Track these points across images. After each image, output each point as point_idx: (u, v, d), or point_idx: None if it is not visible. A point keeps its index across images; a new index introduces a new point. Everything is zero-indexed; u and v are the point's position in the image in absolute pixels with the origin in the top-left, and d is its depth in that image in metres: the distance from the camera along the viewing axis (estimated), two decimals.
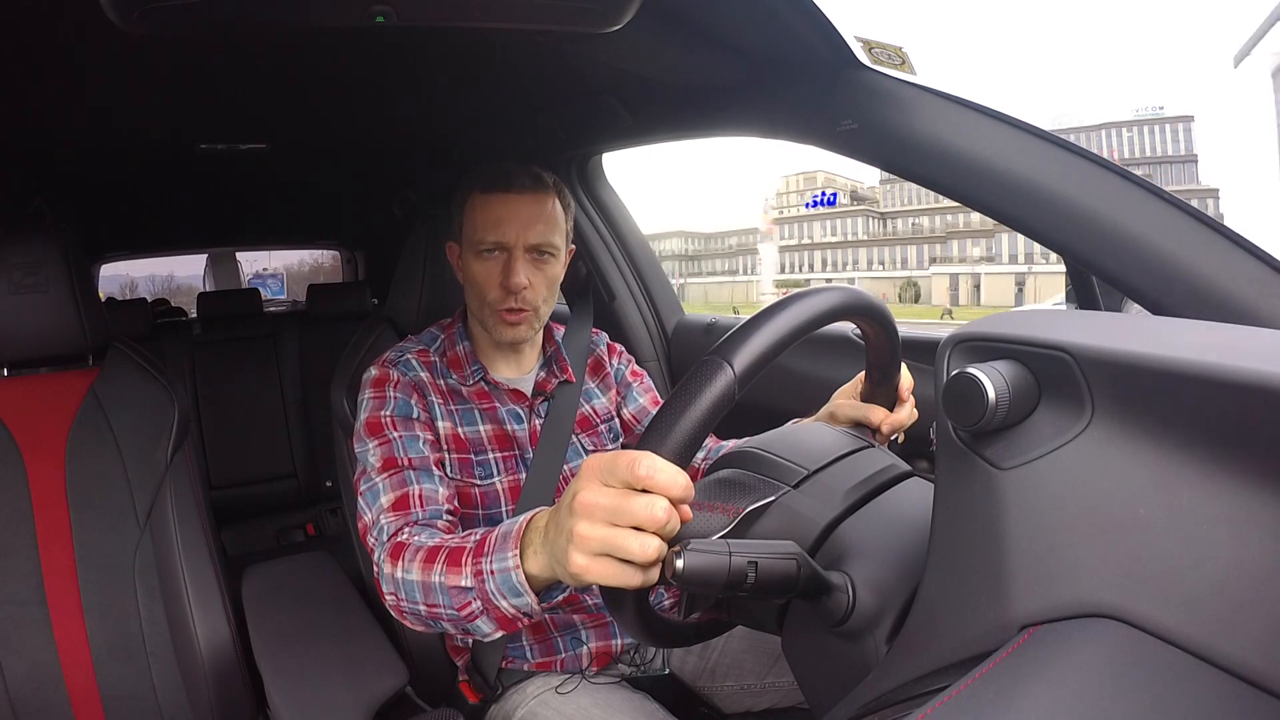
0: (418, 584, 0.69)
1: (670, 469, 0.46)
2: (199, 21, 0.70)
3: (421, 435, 0.89)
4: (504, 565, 0.60)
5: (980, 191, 0.78)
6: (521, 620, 0.64)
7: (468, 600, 0.64)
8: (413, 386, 0.93)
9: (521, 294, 0.92)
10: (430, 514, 0.81)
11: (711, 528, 0.53)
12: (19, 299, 0.95)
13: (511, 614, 0.63)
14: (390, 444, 0.86)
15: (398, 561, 0.72)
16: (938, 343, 0.44)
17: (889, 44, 0.85)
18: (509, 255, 0.92)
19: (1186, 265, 0.67)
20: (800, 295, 0.52)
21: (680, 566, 0.43)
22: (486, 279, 0.93)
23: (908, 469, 0.60)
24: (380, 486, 0.83)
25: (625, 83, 1.17)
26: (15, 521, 0.95)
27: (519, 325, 0.94)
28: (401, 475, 0.83)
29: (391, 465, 0.84)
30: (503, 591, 0.61)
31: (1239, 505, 0.34)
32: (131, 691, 0.95)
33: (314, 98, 1.31)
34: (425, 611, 0.69)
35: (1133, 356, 0.37)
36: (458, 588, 0.65)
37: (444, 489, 0.85)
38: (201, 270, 4.62)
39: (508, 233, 0.92)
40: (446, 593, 0.66)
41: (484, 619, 0.64)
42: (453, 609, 0.66)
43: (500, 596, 0.62)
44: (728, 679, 0.98)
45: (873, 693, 0.45)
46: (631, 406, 1.09)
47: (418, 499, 0.81)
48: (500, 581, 0.61)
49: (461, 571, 0.64)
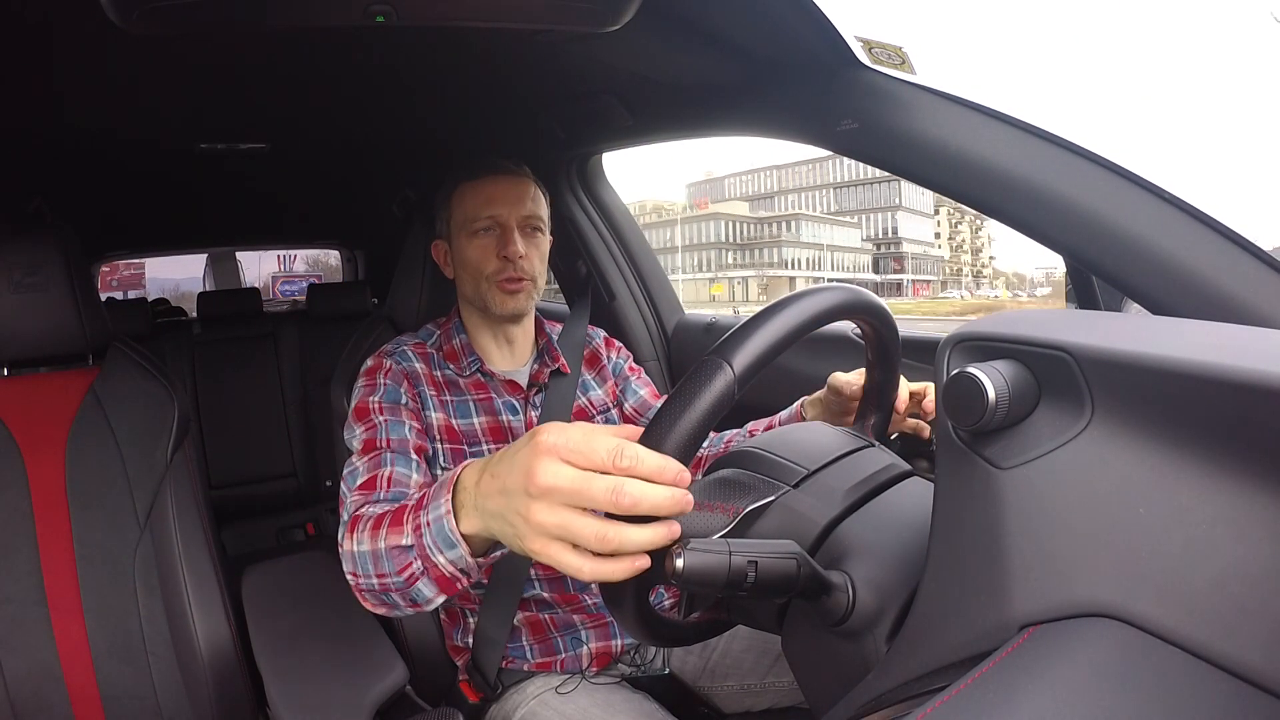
0: (369, 554, 0.67)
1: (654, 458, 0.44)
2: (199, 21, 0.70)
3: (407, 422, 0.89)
4: (437, 514, 0.58)
5: (980, 191, 0.78)
6: (460, 580, 0.61)
7: (409, 560, 0.62)
8: (405, 375, 0.94)
9: (519, 262, 0.95)
10: (394, 495, 0.78)
11: (711, 527, 0.53)
12: (19, 298, 0.95)
13: (450, 571, 0.60)
14: (374, 428, 0.87)
15: (352, 535, 0.70)
16: (938, 343, 0.44)
17: (889, 44, 0.84)
18: (504, 229, 0.96)
19: (1186, 265, 0.67)
20: (800, 294, 0.52)
21: (680, 566, 0.43)
22: (483, 255, 0.96)
23: (908, 469, 0.60)
24: (358, 469, 0.83)
25: (625, 83, 1.17)
26: (15, 521, 0.95)
27: (518, 294, 0.96)
28: (378, 457, 0.83)
29: (371, 447, 0.85)
30: (438, 544, 0.59)
31: (1239, 505, 0.34)
32: (131, 691, 0.95)
33: (314, 97, 1.31)
34: (377, 584, 0.66)
35: (1133, 356, 0.37)
36: (399, 547, 0.63)
37: (417, 475, 0.83)
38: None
39: (501, 208, 0.96)
40: (390, 557, 0.64)
41: (424, 580, 0.62)
42: (396, 574, 0.63)
43: (436, 550, 0.59)
44: (728, 679, 0.98)
45: (872, 692, 0.45)
46: (632, 400, 1.09)
47: (385, 480, 0.80)
48: (435, 532, 0.59)
49: (403, 529, 0.62)
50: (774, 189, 21.81)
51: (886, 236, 30.55)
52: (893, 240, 30.40)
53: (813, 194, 30.07)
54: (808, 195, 27.99)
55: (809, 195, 28.18)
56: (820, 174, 26.31)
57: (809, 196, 28.03)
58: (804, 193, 28.35)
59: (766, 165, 29.98)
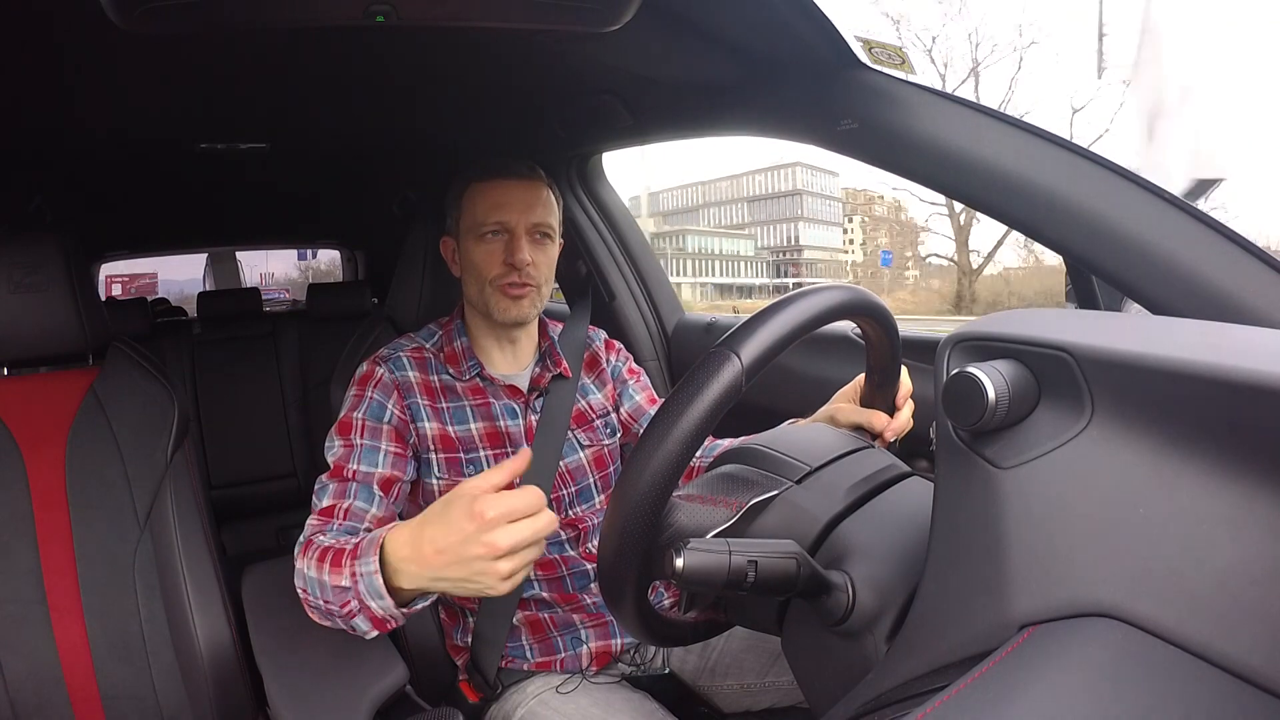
0: (316, 580, 0.73)
1: (503, 501, 0.58)
2: (199, 21, 0.70)
3: (383, 446, 0.88)
4: (367, 570, 0.67)
5: (980, 191, 0.78)
6: (390, 622, 0.69)
7: (348, 599, 0.69)
8: (395, 385, 0.93)
9: (525, 269, 0.94)
10: (348, 528, 0.81)
11: (714, 521, 0.53)
12: (19, 298, 0.95)
13: (381, 614, 0.68)
14: (350, 450, 0.87)
15: (303, 557, 0.76)
16: (938, 343, 0.44)
17: (889, 44, 0.84)
18: (511, 235, 0.95)
19: (1186, 265, 0.67)
20: (806, 292, 0.53)
21: (680, 565, 0.43)
22: (489, 259, 0.95)
23: (908, 469, 0.60)
24: (325, 489, 0.85)
25: (625, 82, 1.17)
26: (15, 521, 0.94)
27: (522, 300, 0.95)
28: (344, 486, 0.85)
29: (339, 473, 0.86)
30: (370, 594, 0.67)
31: (1239, 505, 0.34)
32: (131, 691, 0.95)
33: (314, 98, 1.31)
34: (323, 607, 0.73)
35: (1133, 356, 0.37)
36: (339, 586, 0.69)
37: (376, 510, 0.84)
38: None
39: (510, 213, 0.95)
40: (332, 591, 0.70)
41: (360, 617, 0.70)
42: (338, 606, 0.70)
43: (370, 597, 0.67)
44: (728, 678, 0.98)
45: (872, 692, 0.45)
46: (628, 405, 1.08)
47: (344, 511, 0.82)
48: (366, 584, 0.67)
49: (342, 572, 0.69)
50: (699, 203, 23.22)
51: (789, 244, 32.49)
52: (794, 248, 32.45)
53: (729, 207, 32.13)
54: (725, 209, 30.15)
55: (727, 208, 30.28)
56: (736, 189, 28.37)
57: (727, 209, 30.19)
58: (723, 206, 30.41)
59: (695, 181, 31.64)
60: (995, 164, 0.76)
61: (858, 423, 0.73)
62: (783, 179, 33.01)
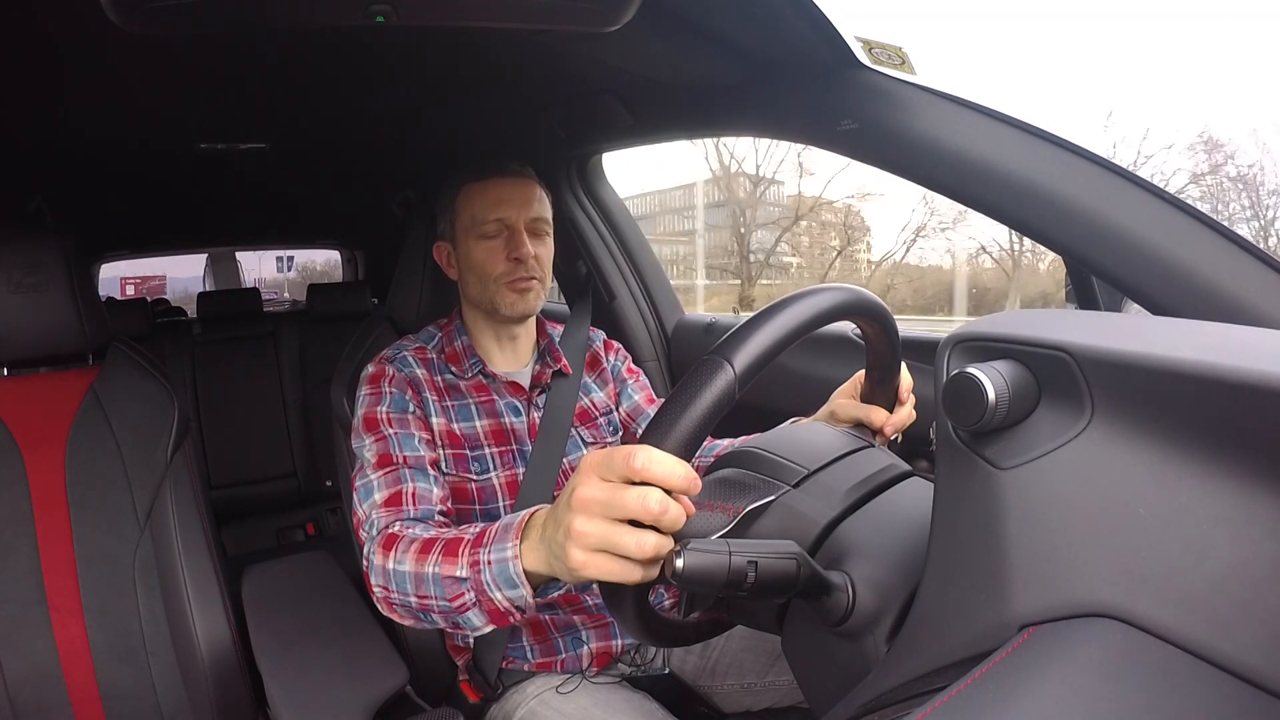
0: (410, 574, 0.69)
1: (668, 460, 0.46)
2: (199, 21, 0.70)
3: (417, 433, 0.89)
4: (502, 556, 0.60)
5: (980, 191, 0.78)
6: (514, 614, 0.63)
7: (461, 591, 0.64)
8: (408, 382, 0.93)
9: (529, 263, 0.95)
10: (423, 513, 0.81)
11: (711, 527, 0.53)
12: (18, 299, 0.95)
13: (505, 606, 0.62)
14: (386, 440, 0.87)
15: (390, 552, 0.72)
16: (938, 343, 0.44)
17: (889, 44, 0.84)
18: (513, 231, 0.96)
19: (1186, 265, 0.67)
20: (801, 294, 0.52)
21: (680, 566, 0.43)
22: (491, 257, 0.96)
23: (908, 469, 0.60)
24: (375, 483, 0.83)
25: (625, 83, 1.17)
26: (15, 521, 0.95)
27: (528, 293, 0.96)
28: (396, 473, 0.84)
29: (387, 462, 0.85)
30: (498, 582, 0.61)
31: (1239, 505, 0.34)
32: (131, 691, 0.95)
33: (314, 97, 1.31)
34: (416, 603, 0.68)
35: (1133, 356, 0.37)
36: (452, 578, 0.64)
37: (438, 489, 0.85)
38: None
39: (509, 210, 0.96)
40: (440, 583, 0.66)
41: (475, 611, 0.64)
42: (445, 599, 0.65)
43: (495, 588, 0.61)
44: (728, 678, 0.98)
45: (872, 692, 0.45)
46: (626, 404, 1.09)
47: (411, 497, 0.81)
48: (497, 572, 0.61)
49: (458, 562, 0.64)
50: (656, 210, 23.83)
51: (732, 249, 33.58)
52: (737, 253, 33.62)
53: (682, 214, 33.40)
54: (678, 216, 31.33)
55: (679, 215, 31.53)
56: (688, 197, 29.54)
57: (679, 216, 31.32)
58: (677, 213, 31.54)
59: (653, 190, 32.70)
60: (995, 164, 0.76)
61: (857, 418, 0.72)
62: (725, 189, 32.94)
